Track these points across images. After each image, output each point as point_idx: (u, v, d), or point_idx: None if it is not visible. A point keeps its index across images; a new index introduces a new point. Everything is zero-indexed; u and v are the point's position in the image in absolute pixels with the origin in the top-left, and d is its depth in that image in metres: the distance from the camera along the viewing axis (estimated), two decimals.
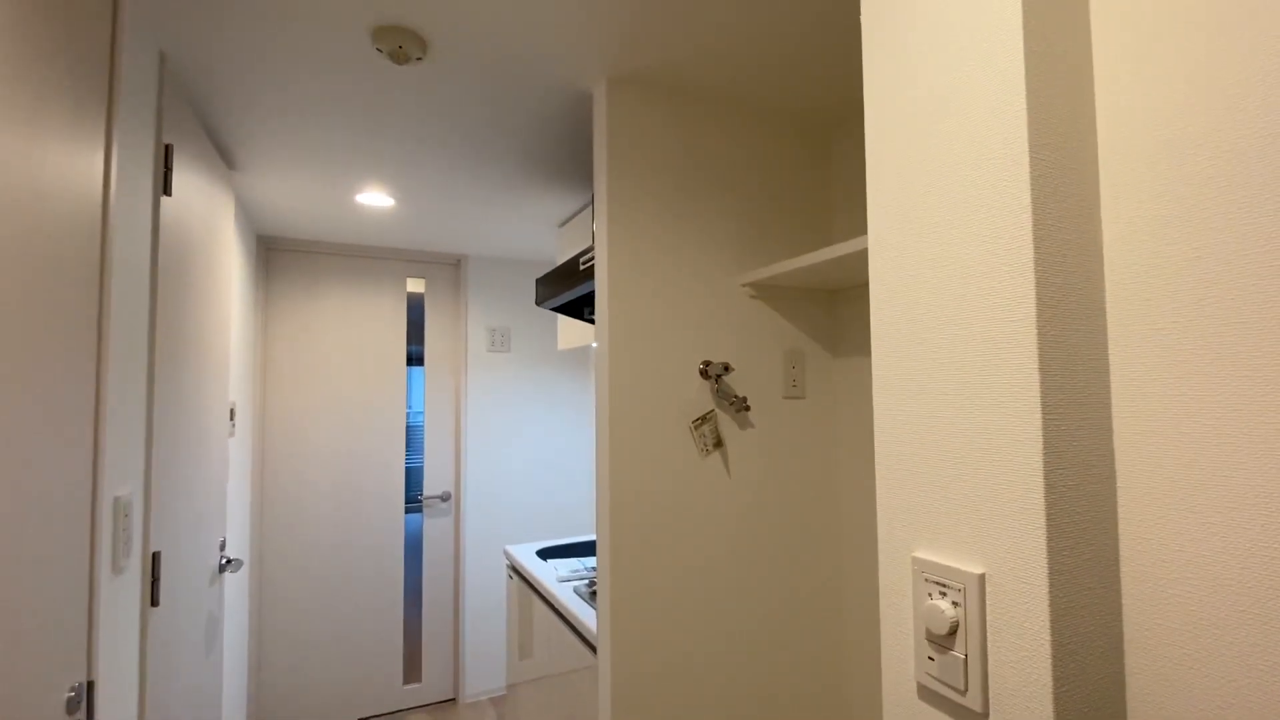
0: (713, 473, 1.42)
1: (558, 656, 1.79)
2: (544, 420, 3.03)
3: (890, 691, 0.65)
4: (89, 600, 0.93)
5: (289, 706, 2.57)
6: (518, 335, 2.98)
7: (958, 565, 0.58)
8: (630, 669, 1.31)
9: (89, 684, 0.91)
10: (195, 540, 1.45)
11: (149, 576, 1.16)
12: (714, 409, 1.43)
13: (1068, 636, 0.53)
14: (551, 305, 1.88)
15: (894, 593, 0.65)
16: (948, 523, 0.60)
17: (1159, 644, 0.53)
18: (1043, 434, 0.53)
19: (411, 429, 2.97)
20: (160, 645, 1.19)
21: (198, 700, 1.50)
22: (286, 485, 2.61)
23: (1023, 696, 0.54)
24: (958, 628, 0.58)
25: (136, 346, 1.10)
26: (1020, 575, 0.54)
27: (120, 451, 1.03)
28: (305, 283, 2.67)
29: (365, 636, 2.71)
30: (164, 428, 1.23)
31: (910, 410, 0.64)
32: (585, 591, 1.78)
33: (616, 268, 1.34)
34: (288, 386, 2.63)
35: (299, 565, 2.62)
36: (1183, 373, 0.52)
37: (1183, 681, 0.51)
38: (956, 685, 0.57)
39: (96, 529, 0.95)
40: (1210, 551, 0.50)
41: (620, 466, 1.32)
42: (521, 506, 2.97)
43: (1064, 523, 0.53)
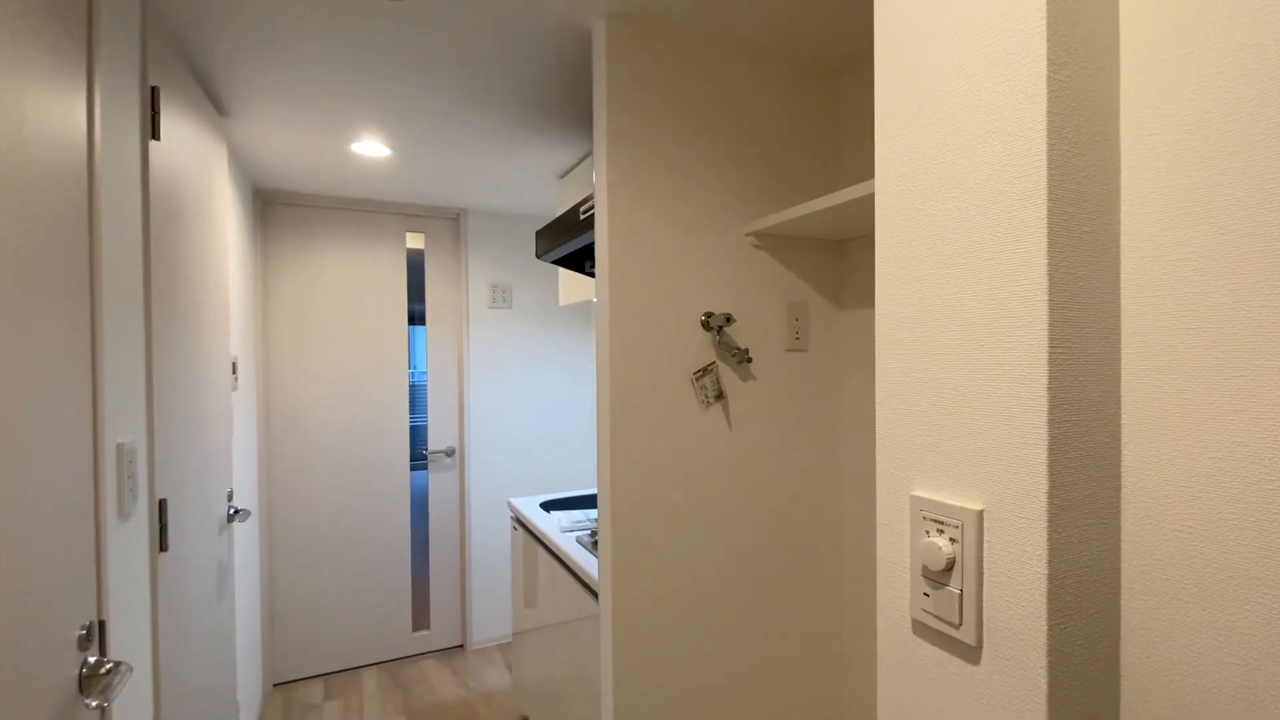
0: (713, 424, 1.42)
1: (561, 604, 1.83)
2: (546, 376, 3.03)
3: (885, 627, 0.66)
4: (96, 544, 0.94)
5: (303, 653, 2.66)
6: (519, 291, 2.95)
7: (956, 503, 0.58)
8: (631, 614, 1.33)
9: (100, 623, 0.93)
10: (202, 489, 1.47)
11: (156, 523, 1.18)
12: (715, 361, 1.42)
13: (1064, 571, 0.53)
14: (552, 258, 1.85)
15: (891, 531, 0.65)
16: (947, 461, 0.59)
17: (1157, 579, 0.53)
18: (1049, 370, 0.51)
19: (415, 388, 2.98)
20: (171, 590, 1.22)
21: (212, 644, 1.54)
22: (292, 441, 2.64)
23: (1016, 630, 0.54)
24: (954, 564, 0.58)
25: (131, 294, 1.09)
26: (1019, 511, 0.53)
27: (121, 399, 1.03)
28: (304, 237, 2.64)
29: (374, 587, 2.78)
30: (164, 377, 1.22)
31: (913, 348, 0.63)
32: (588, 541, 1.81)
33: (617, 217, 1.31)
34: (290, 343, 2.63)
35: (307, 519, 2.66)
36: (1196, 309, 0.50)
37: (1180, 615, 0.51)
38: (951, 620, 0.58)
39: (100, 475, 0.96)
40: (1213, 489, 0.49)
41: (621, 418, 1.32)
42: (525, 461, 3.00)
43: (1066, 459, 0.52)
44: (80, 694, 0.85)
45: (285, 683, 2.64)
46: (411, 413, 2.89)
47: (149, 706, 1.10)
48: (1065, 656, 0.53)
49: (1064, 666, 0.52)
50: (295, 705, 2.47)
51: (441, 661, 2.81)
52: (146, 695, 1.09)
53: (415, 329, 2.94)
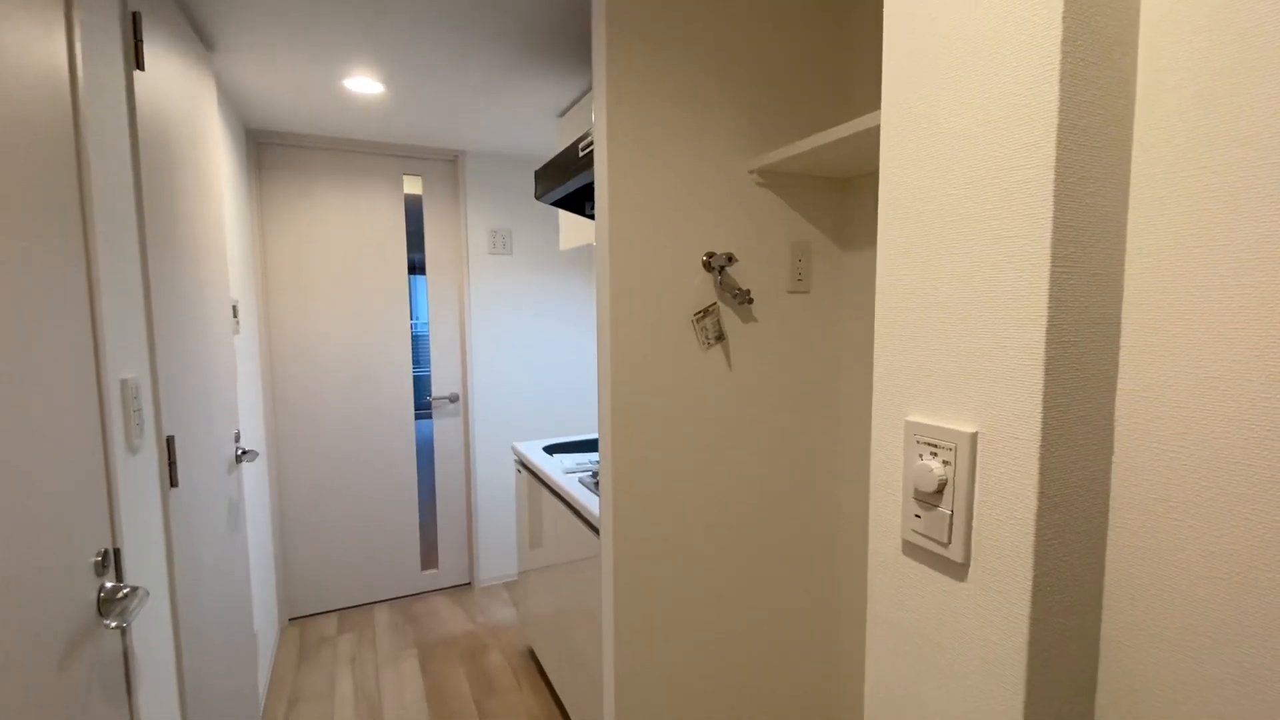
0: (713, 366, 1.42)
1: (564, 542, 1.88)
2: (548, 322, 3.03)
3: (876, 548, 0.68)
4: (106, 476, 0.96)
5: (316, 590, 2.75)
6: (519, 237, 2.92)
7: (950, 426, 0.58)
8: (631, 547, 1.37)
9: (116, 551, 0.96)
10: (208, 428, 1.49)
11: (165, 458, 1.20)
12: (716, 302, 1.41)
13: (1055, 491, 0.53)
14: (552, 199, 1.82)
15: (885, 456, 0.66)
16: (943, 385, 0.59)
17: (1147, 499, 0.53)
18: (1049, 287, 0.51)
19: (418, 339, 2.98)
20: (183, 524, 1.25)
21: (227, 578, 1.59)
22: (297, 386, 2.66)
23: (1004, 548, 0.55)
24: (945, 486, 0.58)
25: (125, 230, 1.08)
26: (1013, 432, 0.54)
27: (121, 335, 1.04)
28: (300, 181, 2.60)
29: (383, 527, 2.85)
30: (164, 315, 1.22)
31: (914, 272, 0.62)
32: (590, 481, 1.84)
33: (617, 153, 1.28)
34: (290, 289, 2.62)
35: (315, 463, 2.72)
36: (1201, 227, 0.49)
37: (1169, 533, 0.52)
38: (940, 539, 0.59)
39: (106, 409, 0.97)
40: (1209, 408, 0.49)
41: (621, 359, 1.32)
42: (528, 407, 3.03)
43: (1063, 379, 0.52)
44: (99, 615, 0.89)
45: (300, 617, 2.74)
46: (415, 364, 2.90)
47: (168, 630, 1.14)
48: (1050, 573, 0.54)
49: (1048, 582, 0.54)
50: (310, 637, 2.58)
51: (450, 598, 2.92)
52: (165, 620, 1.13)
53: (416, 279, 2.92)
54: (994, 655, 0.56)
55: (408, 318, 2.85)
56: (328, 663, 2.39)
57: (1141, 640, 0.54)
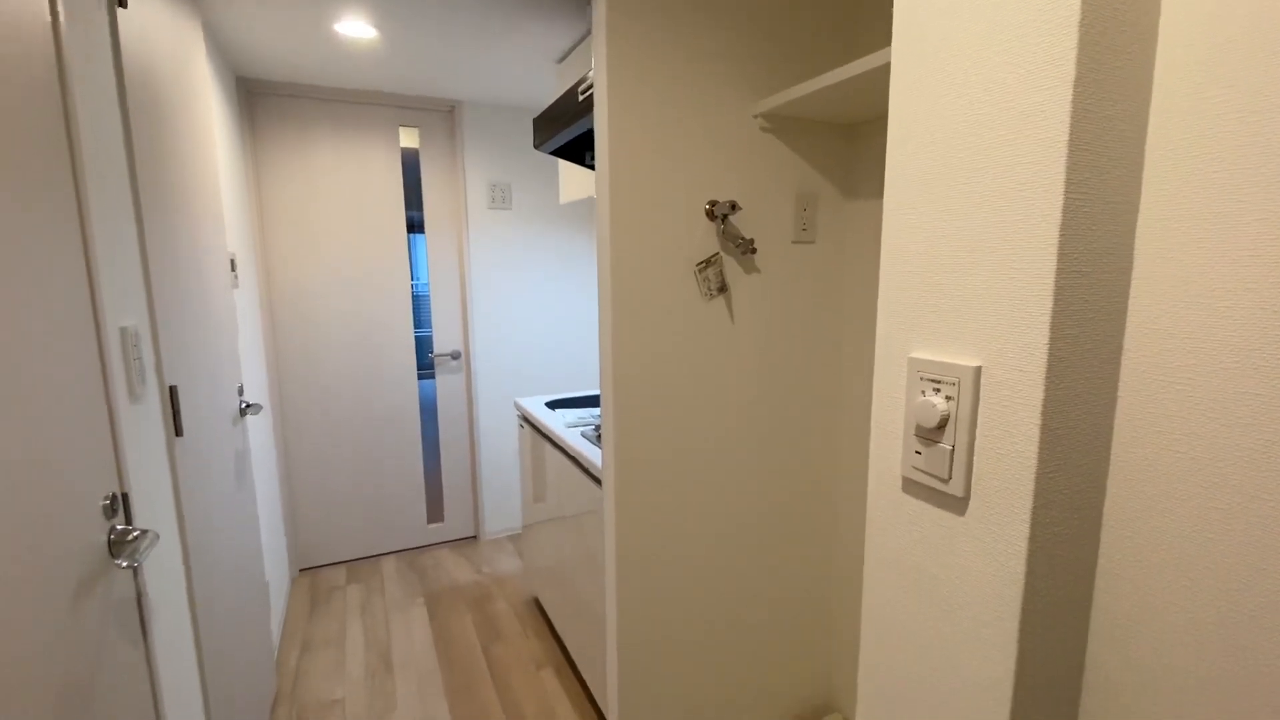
0: (716, 317, 1.41)
1: (567, 494, 1.90)
2: (549, 278, 3.00)
3: (876, 487, 0.68)
4: (110, 422, 0.97)
5: (325, 542, 2.81)
6: (519, 191, 2.87)
7: (954, 361, 0.58)
8: (632, 497, 1.38)
9: (124, 495, 0.98)
10: (211, 380, 1.50)
11: (169, 408, 1.21)
12: (719, 252, 1.39)
13: (1057, 423, 0.53)
14: (551, 148, 1.78)
15: (887, 394, 0.65)
16: (948, 320, 0.58)
17: (1150, 432, 0.53)
18: (1062, 215, 0.49)
19: (418, 299, 2.96)
20: (190, 473, 1.27)
21: (236, 527, 1.62)
22: (299, 343, 2.66)
23: (1004, 482, 0.55)
24: (947, 421, 0.58)
25: (115, 175, 1.05)
26: (1018, 365, 0.53)
27: (117, 283, 1.03)
28: (294, 133, 2.54)
29: (388, 482, 2.90)
30: (161, 264, 1.21)
31: (922, 205, 0.60)
32: (592, 434, 1.85)
33: (617, 96, 1.24)
34: (288, 244, 2.59)
35: (319, 419, 2.74)
36: (1222, 148, 0.47)
37: (1170, 465, 0.52)
38: (940, 475, 0.59)
39: (106, 357, 0.97)
40: (1220, 338, 0.48)
41: (622, 310, 1.31)
42: (530, 364, 3.03)
43: (1072, 310, 0.51)
44: (111, 556, 0.90)
45: (310, 568, 2.81)
46: (416, 325, 2.89)
47: (180, 573, 1.17)
48: (1049, 505, 0.54)
49: (1047, 514, 0.54)
50: (320, 587, 2.64)
51: (456, 550, 2.98)
52: (177, 562, 1.16)
53: (415, 238, 2.88)
54: (990, 587, 0.57)
55: (408, 276, 2.82)
56: (338, 611, 2.46)
57: (1138, 573, 0.54)
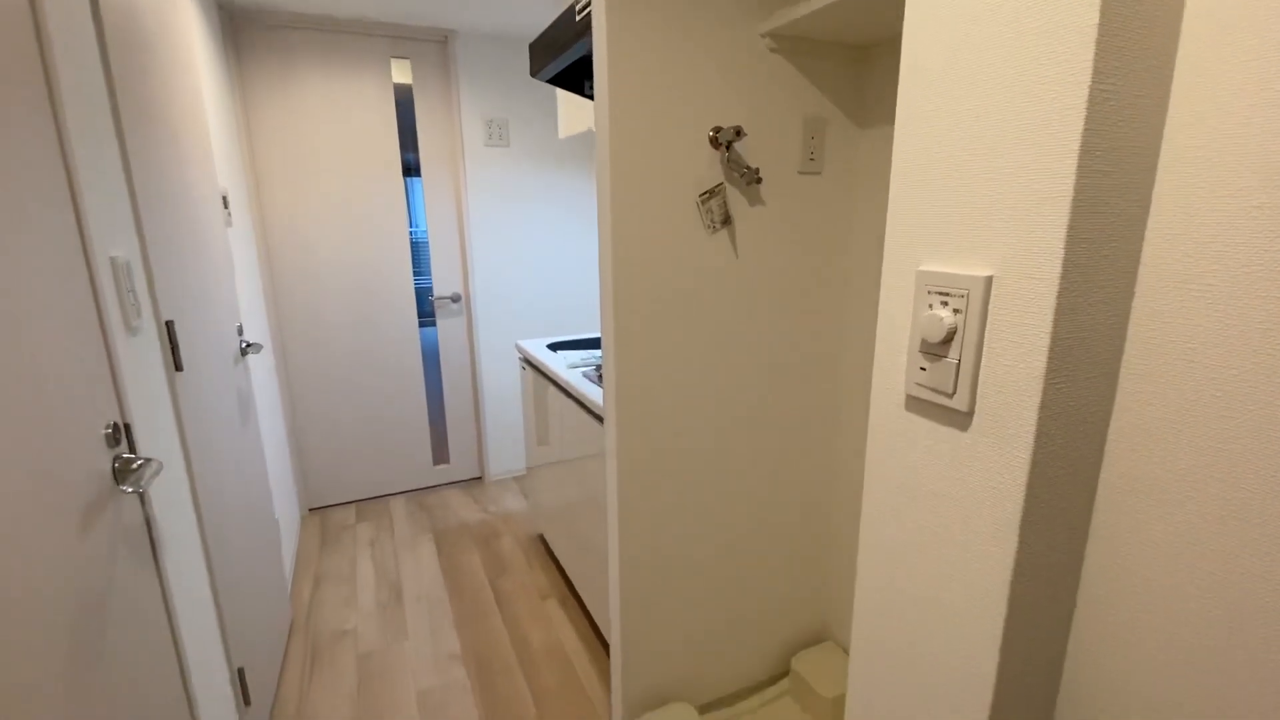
0: (719, 251, 1.38)
1: (570, 432, 1.92)
2: (549, 218, 2.95)
3: (878, 406, 0.67)
4: (107, 352, 0.96)
5: (333, 482, 2.86)
6: (516, 126, 2.78)
7: (964, 271, 0.56)
8: (634, 432, 1.39)
9: (126, 425, 0.98)
10: (209, 317, 1.48)
11: (167, 342, 1.20)
12: (723, 182, 1.34)
13: (1068, 334, 0.51)
14: (548, 75, 1.70)
15: (893, 310, 0.63)
16: (959, 229, 0.56)
17: (1164, 342, 0.51)
18: (1087, 106, 0.46)
19: (417, 246, 2.91)
20: (192, 406, 1.27)
21: (243, 465, 1.64)
22: (298, 286, 2.63)
23: (1009, 394, 0.54)
24: (954, 334, 0.56)
25: (95, 98, 1.01)
26: (1030, 272, 0.51)
27: (104, 212, 1.00)
28: (281, 67, 2.44)
29: (393, 425, 2.92)
30: (148, 195, 1.18)
31: (938, 110, 0.57)
32: (593, 375, 1.85)
33: (616, 11, 1.17)
34: (281, 185, 2.53)
35: (321, 362, 2.74)
36: (1260, 48, 0.43)
37: (1181, 373, 0.50)
38: (945, 390, 0.58)
39: (98, 286, 0.95)
40: (1246, 239, 0.46)
41: (622, 243, 1.28)
42: (530, 305, 3.01)
43: (1090, 213, 0.49)
44: (116, 483, 0.91)
45: (319, 508, 2.87)
46: (415, 272, 2.85)
47: (188, 502, 1.19)
48: (1055, 417, 0.53)
49: (1053, 426, 0.53)
50: (331, 525, 2.71)
51: (462, 490, 3.04)
52: (184, 493, 1.17)
53: (412, 182, 2.81)
54: (991, 500, 0.57)
55: (406, 219, 2.77)
56: (348, 547, 2.52)
57: (1142, 488, 0.54)
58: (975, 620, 0.60)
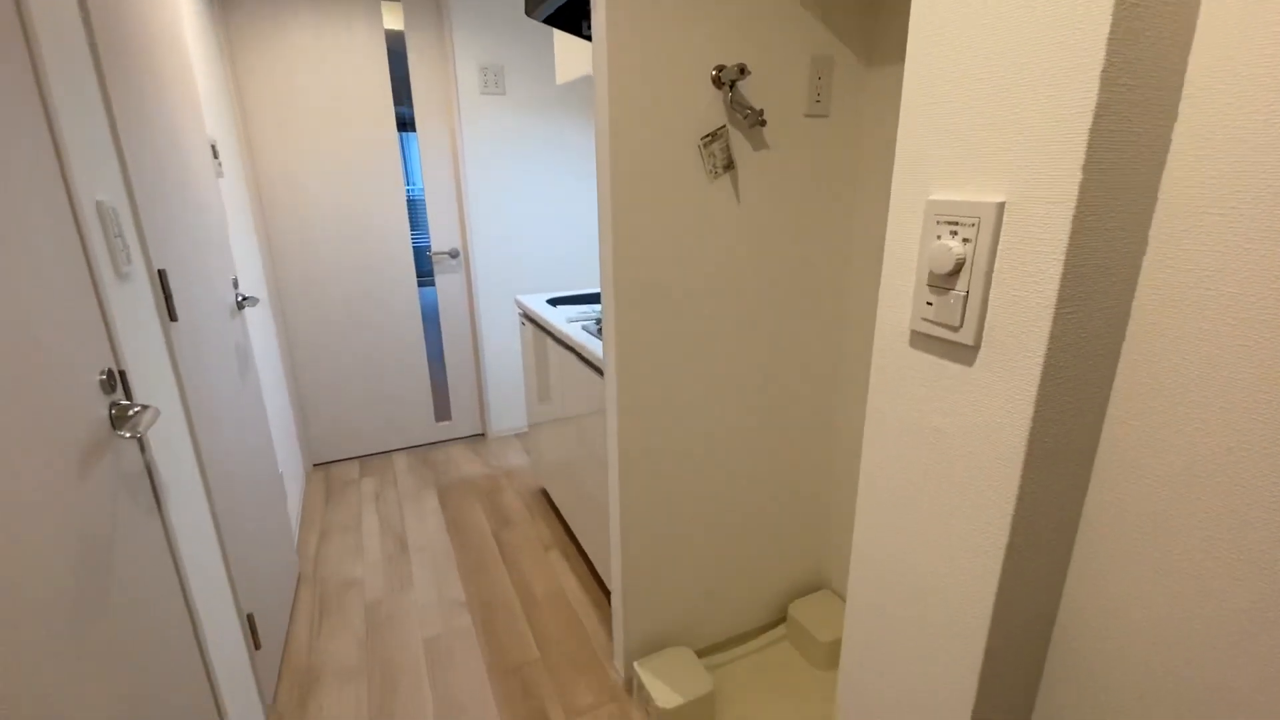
0: (721, 198, 1.35)
1: (570, 387, 1.91)
2: (547, 169, 2.88)
3: (882, 344, 0.66)
4: (98, 299, 0.95)
5: (336, 439, 2.88)
6: (512, 73, 2.69)
7: (975, 198, 0.53)
8: (635, 383, 1.38)
9: (120, 373, 0.97)
10: (202, 268, 1.46)
11: (160, 291, 1.18)
12: (726, 125, 1.30)
13: (1082, 262, 0.49)
14: (545, 13, 1.63)
15: (900, 243, 0.61)
16: (972, 154, 0.54)
17: (1180, 271, 0.49)
18: (1111, 19, 0.43)
19: (414, 204, 2.86)
20: (189, 356, 1.26)
21: (243, 417, 1.64)
22: (294, 244, 2.60)
23: (1018, 326, 0.52)
24: (963, 265, 0.55)
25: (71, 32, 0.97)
26: (1045, 196, 0.49)
27: (87, 153, 0.97)
28: (268, 9, 2.35)
29: (394, 382, 2.93)
30: (133, 137, 1.14)
31: (952, 30, 0.54)
32: (593, 329, 1.83)
33: None
34: (273, 136, 2.46)
35: (320, 319, 2.72)
36: None
37: (1195, 301, 0.49)
38: (951, 323, 0.56)
39: (84, 230, 0.93)
40: (1271, 160, 0.43)
41: (623, 190, 1.25)
42: (529, 260, 2.97)
43: (1112, 130, 0.46)
44: (114, 429, 0.91)
45: (323, 463, 2.90)
46: (413, 230, 2.80)
47: (189, 451, 1.19)
48: (1064, 349, 0.52)
49: (1062, 358, 0.52)
50: (335, 480, 2.74)
51: (465, 446, 3.06)
52: (185, 443, 1.17)
53: (407, 138, 2.74)
54: (995, 435, 0.56)
55: (401, 173, 2.71)
56: (353, 501, 2.56)
57: (1150, 424, 0.53)
58: (974, 558, 0.60)
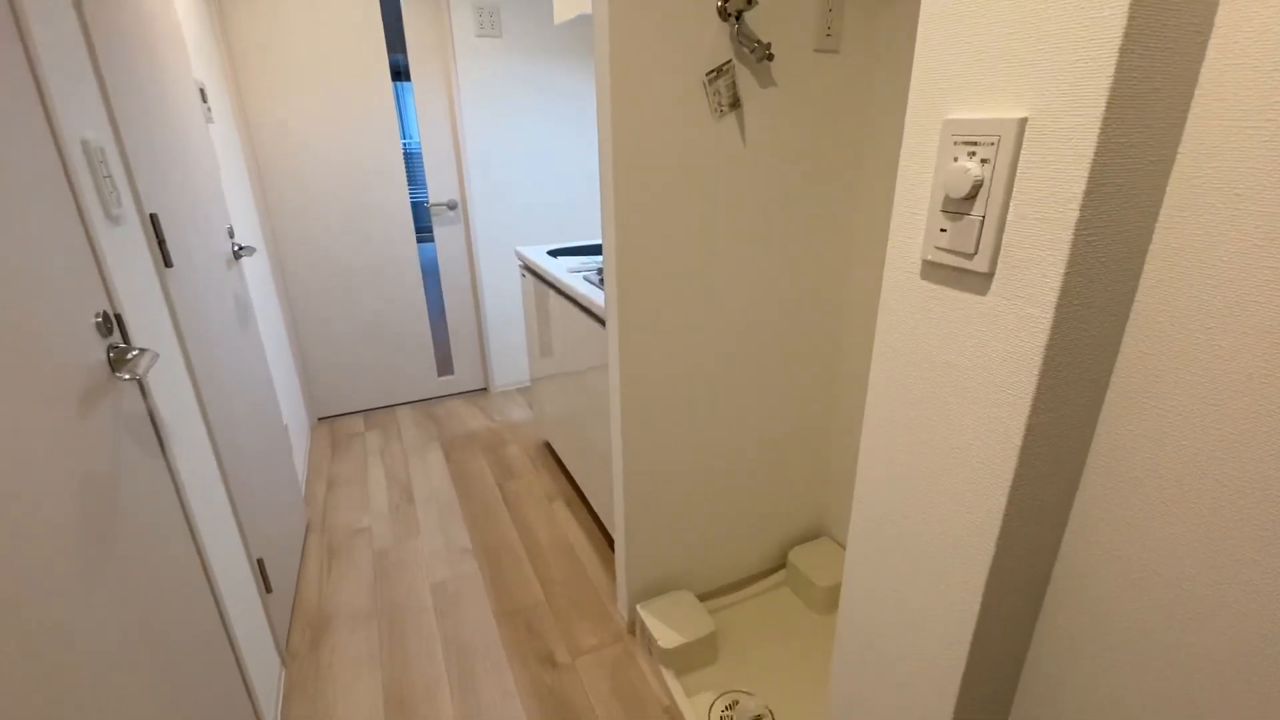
0: (726, 138, 1.30)
1: (571, 339, 1.90)
2: (546, 116, 2.80)
3: (892, 277, 0.64)
4: (89, 241, 0.93)
5: (339, 393, 2.89)
6: (509, 14, 2.58)
7: (995, 115, 0.51)
8: (636, 331, 1.37)
9: (117, 316, 0.96)
10: (195, 215, 1.43)
11: (153, 237, 1.16)
12: (732, 60, 1.25)
13: (1105, 180, 0.47)
14: None
15: (914, 167, 0.59)
16: (993, 68, 0.51)
17: (1211, 186, 0.47)
18: None
19: (411, 158, 2.79)
20: (187, 303, 1.25)
21: (245, 367, 1.64)
22: (289, 193, 2.55)
23: (1035, 249, 0.50)
24: (979, 187, 0.52)
25: None
26: (1071, 109, 0.46)
27: (69, 90, 0.94)
28: None
29: (396, 337, 2.92)
30: (116, 75, 1.10)
31: None
32: (594, 278, 1.81)
33: None
34: (263, 82, 2.39)
35: (318, 273, 2.69)
36: None
37: (1223, 218, 0.47)
38: (965, 250, 0.55)
39: (71, 169, 0.90)
40: None
41: (624, 128, 1.20)
42: (529, 211, 2.92)
43: (1144, 36, 0.43)
44: (113, 371, 0.90)
45: (328, 417, 2.92)
46: (411, 185, 2.74)
47: (190, 397, 1.19)
48: (1081, 274, 0.50)
49: (1078, 283, 0.50)
50: (340, 433, 2.76)
51: (468, 401, 3.07)
52: (186, 388, 1.17)
53: (402, 88, 2.65)
54: (1006, 365, 0.54)
55: (396, 122, 2.63)
56: (359, 453, 2.58)
57: (1168, 355, 0.51)
58: (978, 494, 0.59)
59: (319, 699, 1.44)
